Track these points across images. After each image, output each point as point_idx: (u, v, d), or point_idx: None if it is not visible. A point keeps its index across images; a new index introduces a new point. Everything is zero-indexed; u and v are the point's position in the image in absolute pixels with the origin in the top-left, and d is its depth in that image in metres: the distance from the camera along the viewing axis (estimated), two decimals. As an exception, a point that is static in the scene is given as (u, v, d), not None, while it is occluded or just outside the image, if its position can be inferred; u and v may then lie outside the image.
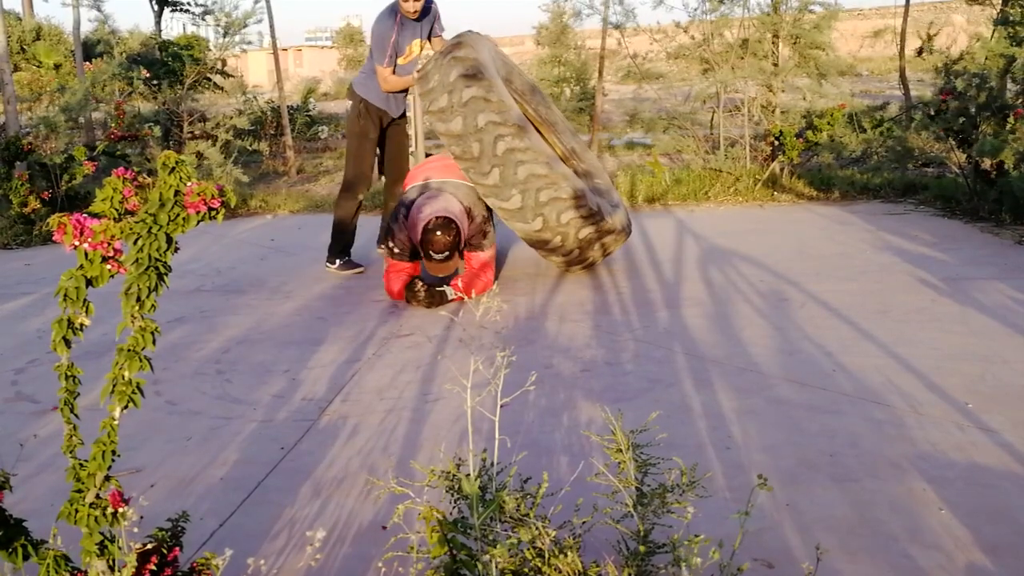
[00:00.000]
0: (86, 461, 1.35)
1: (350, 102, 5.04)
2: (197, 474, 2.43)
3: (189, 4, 9.59)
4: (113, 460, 1.36)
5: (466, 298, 4.08)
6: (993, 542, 1.89)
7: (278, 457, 2.52)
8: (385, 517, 2.09)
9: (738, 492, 2.17)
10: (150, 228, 1.22)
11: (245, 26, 9.14)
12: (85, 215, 1.25)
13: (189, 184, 1.23)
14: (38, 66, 15.35)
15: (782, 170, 7.52)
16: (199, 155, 8.08)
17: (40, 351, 3.69)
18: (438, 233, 3.97)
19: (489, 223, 4.29)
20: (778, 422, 2.61)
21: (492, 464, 1.59)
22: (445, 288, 4.16)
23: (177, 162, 1.21)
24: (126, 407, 1.33)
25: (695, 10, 8.30)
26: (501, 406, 1.56)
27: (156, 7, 9.60)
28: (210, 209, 1.25)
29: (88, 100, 8.41)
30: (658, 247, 5.43)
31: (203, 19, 9.63)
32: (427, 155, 5.37)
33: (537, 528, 1.52)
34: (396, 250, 4.20)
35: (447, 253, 3.99)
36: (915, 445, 2.40)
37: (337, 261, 4.97)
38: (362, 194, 5.00)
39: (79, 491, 1.35)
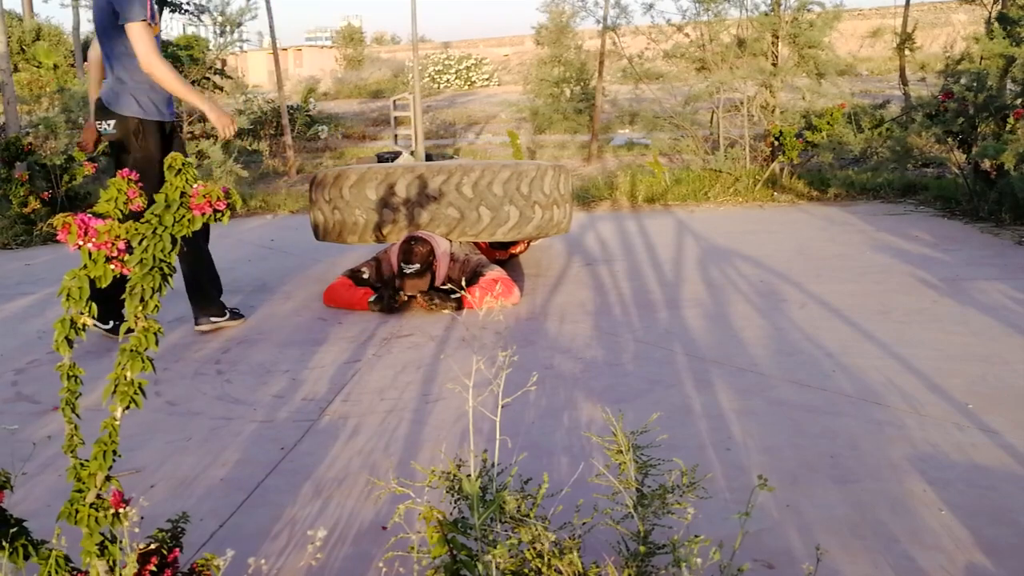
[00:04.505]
0: (87, 461, 1.35)
1: (107, 126, 3.71)
2: (197, 475, 2.43)
3: (188, 4, 9.60)
4: (114, 460, 1.36)
5: (472, 300, 4.03)
6: (994, 543, 1.90)
7: (278, 457, 2.52)
8: (386, 517, 2.09)
9: (739, 493, 2.17)
10: (155, 229, 1.22)
11: (240, 24, 9.16)
12: (89, 215, 1.25)
13: (195, 186, 1.23)
14: (37, 66, 15.35)
15: (782, 170, 7.53)
16: (199, 155, 8.09)
17: (40, 351, 3.68)
18: (411, 243, 4.07)
19: (490, 265, 4.32)
20: (778, 423, 2.61)
21: (493, 464, 1.59)
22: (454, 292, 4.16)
23: (184, 164, 1.21)
24: (128, 407, 1.33)
25: (686, 11, 8.32)
26: (502, 406, 1.56)
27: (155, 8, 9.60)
28: (215, 211, 1.25)
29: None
30: (658, 247, 5.43)
31: (199, 18, 9.65)
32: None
33: (537, 529, 1.52)
34: (364, 275, 4.29)
35: (418, 266, 4.03)
36: (916, 446, 2.40)
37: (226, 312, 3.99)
38: None
39: (80, 491, 1.35)
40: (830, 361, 3.14)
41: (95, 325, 3.87)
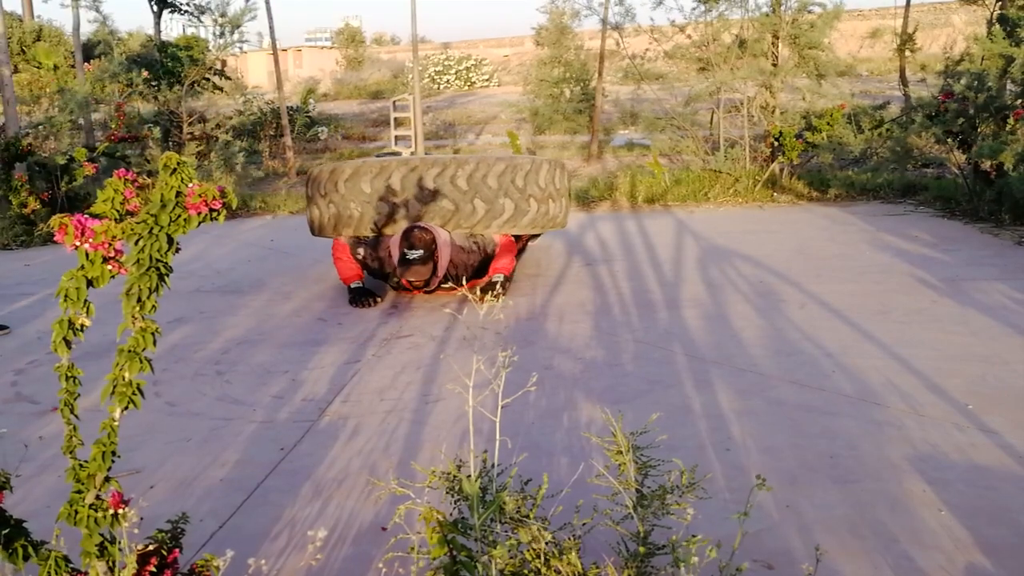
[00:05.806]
0: (86, 462, 1.35)
1: None
2: (197, 475, 2.43)
3: (187, 4, 9.60)
4: (113, 461, 1.35)
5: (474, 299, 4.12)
6: (993, 543, 1.89)
7: (278, 458, 2.52)
8: (385, 518, 2.09)
9: (738, 493, 2.17)
10: (151, 229, 1.22)
11: (239, 25, 9.16)
12: (86, 216, 1.25)
13: (191, 185, 1.23)
14: (37, 67, 15.35)
15: (782, 171, 7.52)
16: (199, 155, 8.09)
17: (40, 352, 3.68)
18: (414, 230, 4.10)
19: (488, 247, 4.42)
20: (778, 423, 2.61)
21: (493, 465, 1.59)
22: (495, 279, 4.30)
23: (179, 163, 1.21)
24: (126, 408, 1.32)
25: (691, 11, 8.31)
26: (502, 407, 1.56)
27: (156, 8, 9.61)
28: (211, 210, 1.25)
29: (88, 101, 8.42)
30: (658, 247, 5.43)
31: (199, 19, 9.65)
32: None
33: (537, 529, 1.52)
34: (359, 255, 4.38)
35: (421, 252, 4.05)
36: (915, 446, 2.40)
37: None
38: None
39: (79, 492, 1.35)
40: (829, 361, 3.14)
41: None
